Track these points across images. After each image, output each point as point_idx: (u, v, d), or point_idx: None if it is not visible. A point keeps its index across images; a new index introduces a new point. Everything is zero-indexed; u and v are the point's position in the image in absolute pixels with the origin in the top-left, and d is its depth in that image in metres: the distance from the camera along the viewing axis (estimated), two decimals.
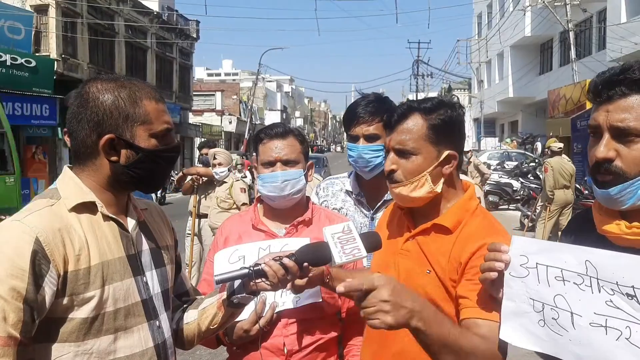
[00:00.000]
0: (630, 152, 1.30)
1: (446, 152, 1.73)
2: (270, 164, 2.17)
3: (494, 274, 1.43)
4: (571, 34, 21.52)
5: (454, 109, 1.75)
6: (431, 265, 1.70)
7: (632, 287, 1.20)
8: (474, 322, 1.55)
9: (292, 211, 2.22)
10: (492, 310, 1.51)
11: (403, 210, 1.85)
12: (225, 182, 6.94)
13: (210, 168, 7.08)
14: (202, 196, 7.26)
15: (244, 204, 6.71)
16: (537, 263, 1.36)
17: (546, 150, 12.89)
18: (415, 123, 1.73)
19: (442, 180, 1.75)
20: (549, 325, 1.34)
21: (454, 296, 1.66)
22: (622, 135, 1.31)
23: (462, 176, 1.93)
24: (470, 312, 1.57)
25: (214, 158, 6.98)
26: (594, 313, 1.26)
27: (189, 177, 7.41)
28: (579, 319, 1.28)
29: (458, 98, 1.85)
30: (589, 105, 16.96)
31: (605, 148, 1.32)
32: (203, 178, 7.15)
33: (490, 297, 1.50)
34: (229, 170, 7.03)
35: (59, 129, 19.51)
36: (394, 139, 1.77)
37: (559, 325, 1.32)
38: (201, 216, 7.25)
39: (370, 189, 2.59)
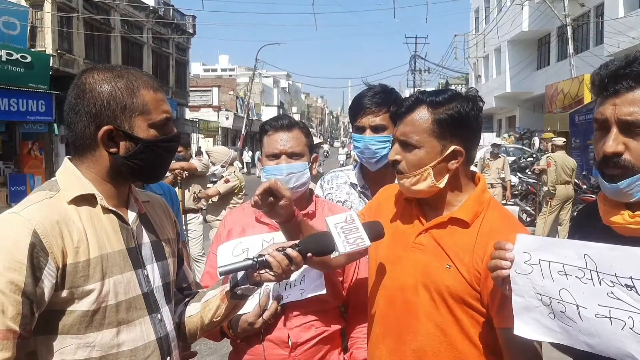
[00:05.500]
0: (638, 145, 1.31)
1: (452, 148, 1.69)
2: (275, 156, 2.16)
3: (506, 272, 1.42)
4: (569, 29, 21.48)
5: (467, 103, 1.71)
6: (451, 260, 1.68)
7: (630, 278, 1.23)
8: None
9: (296, 204, 2.19)
10: None
11: (412, 202, 1.82)
12: (223, 177, 7.07)
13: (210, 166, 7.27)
14: (186, 191, 7.30)
15: (219, 191, 6.83)
16: (539, 259, 1.37)
17: (545, 144, 12.88)
18: (420, 116, 1.71)
19: (447, 176, 1.72)
20: (559, 318, 1.36)
21: (479, 290, 1.65)
22: (630, 128, 1.32)
23: None
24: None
25: (208, 157, 7.25)
26: (598, 305, 1.28)
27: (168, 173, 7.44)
28: (584, 311, 1.30)
29: (477, 91, 1.80)
30: (587, 100, 17.03)
31: (614, 142, 1.33)
32: (185, 172, 7.20)
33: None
34: (222, 166, 7.12)
35: (55, 124, 19.45)
36: (399, 130, 1.76)
37: (568, 317, 1.33)
38: (187, 211, 7.26)
39: (375, 181, 2.58)
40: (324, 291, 2.07)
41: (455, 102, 1.70)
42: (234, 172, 7.13)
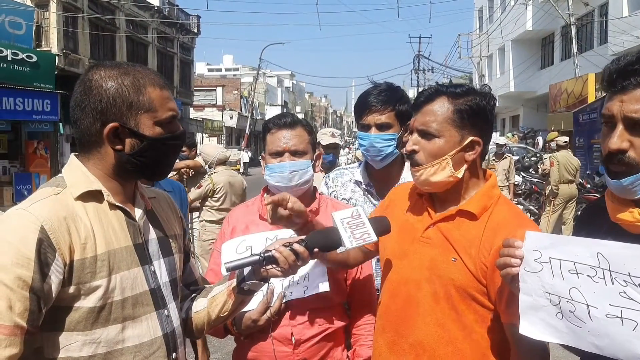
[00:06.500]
0: None
1: (470, 138, 1.71)
2: (279, 154, 2.16)
3: (516, 269, 1.41)
4: (573, 28, 21.43)
5: (484, 98, 1.74)
6: (457, 253, 1.68)
7: None
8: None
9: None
10: None
11: (423, 196, 1.83)
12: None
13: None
14: (192, 188, 7.30)
15: (192, 200, 6.65)
16: (550, 257, 1.35)
17: (547, 144, 12.84)
18: (441, 105, 1.72)
19: (465, 166, 1.73)
20: (567, 318, 1.33)
21: (486, 283, 1.64)
22: (636, 126, 1.31)
23: None
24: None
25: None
26: (609, 305, 1.25)
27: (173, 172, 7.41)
28: (595, 310, 1.28)
29: (490, 88, 1.83)
30: (590, 99, 17.00)
31: (618, 139, 1.32)
32: (191, 171, 7.22)
33: None
34: (209, 166, 7.11)
35: (61, 124, 19.49)
36: (418, 120, 1.76)
37: (577, 317, 1.31)
38: (192, 210, 7.25)
39: (380, 179, 2.59)
40: (327, 288, 2.07)
41: (473, 95, 1.73)
42: (210, 174, 6.92)
